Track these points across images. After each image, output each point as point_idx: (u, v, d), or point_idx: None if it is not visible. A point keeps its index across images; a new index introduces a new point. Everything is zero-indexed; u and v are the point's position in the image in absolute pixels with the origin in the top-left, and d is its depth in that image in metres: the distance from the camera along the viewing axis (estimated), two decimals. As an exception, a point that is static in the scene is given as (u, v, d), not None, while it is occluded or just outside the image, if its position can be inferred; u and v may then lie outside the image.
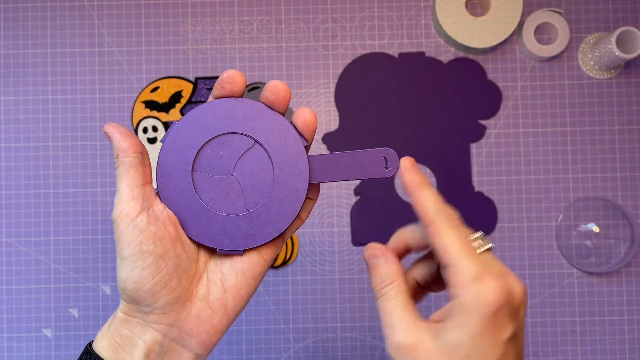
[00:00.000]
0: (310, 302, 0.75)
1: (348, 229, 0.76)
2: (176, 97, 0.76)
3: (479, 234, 0.35)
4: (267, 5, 0.77)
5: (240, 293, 0.37)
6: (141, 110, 0.76)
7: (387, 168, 0.37)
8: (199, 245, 0.37)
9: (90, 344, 0.36)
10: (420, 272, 0.39)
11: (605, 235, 0.75)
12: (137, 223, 0.34)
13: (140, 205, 0.34)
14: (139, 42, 0.77)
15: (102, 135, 0.76)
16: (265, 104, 0.37)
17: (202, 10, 0.77)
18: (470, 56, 0.77)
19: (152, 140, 0.76)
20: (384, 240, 0.43)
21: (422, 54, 0.77)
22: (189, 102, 0.76)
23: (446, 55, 0.77)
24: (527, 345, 0.75)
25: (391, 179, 0.76)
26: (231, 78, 0.36)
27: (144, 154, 0.36)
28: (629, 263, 0.75)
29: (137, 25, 0.77)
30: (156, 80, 0.76)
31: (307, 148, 0.37)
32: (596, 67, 0.76)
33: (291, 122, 0.37)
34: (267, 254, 0.38)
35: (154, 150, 0.76)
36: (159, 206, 0.35)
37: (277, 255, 0.39)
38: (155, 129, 0.76)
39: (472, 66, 0.77)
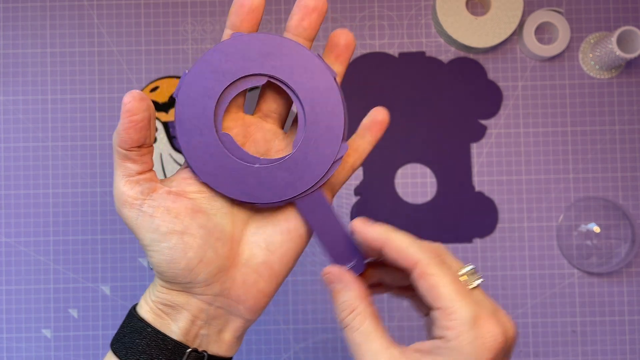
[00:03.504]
0: (310, 302, 0.75)
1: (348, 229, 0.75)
2: (176, 97, 0.76)
3: (468, 267, 0.32)
4: (267, 5, 0.77)
5: (287, 255, 0.34)
6: (141, 110, 0.76)
7: (348, 266, 0.35)
8: (240, 203, 0.34)
9: (134, 307, 0.35)
10: (386, 276, 0.36)
11: (605, 236, 0.75)
12: (145, 209, 0.32)
13: (140, 192, 0.32)
14: (138, 42, 0.77)
15: (102, 135, 0.76)
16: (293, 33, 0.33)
17: (202, 10, 0.77)
18: (471, 56, 0.77)
19: (152, 140, 0.76)
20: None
21: (422, 53, 0.77)
22: (189, 102, 0.76)
23: (446, 55, 0.77)
24: (527, 346, 0.75)
25: (391, 180, 0.75)
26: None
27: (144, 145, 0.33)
28: (629, 263, 0.75)
29: (137, 25, 0.77)
30: (156, 80, 0.76)
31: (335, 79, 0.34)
32: (597, 66, 0.76)
33: (317, 54, 0.33)
34: None
35: (153, 150, 0.76)
36: (163, 188, 0.33)
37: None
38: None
39: (472, 66, 0.77)
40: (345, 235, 0.35)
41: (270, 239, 0.34)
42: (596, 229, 0.75)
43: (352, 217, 0.75)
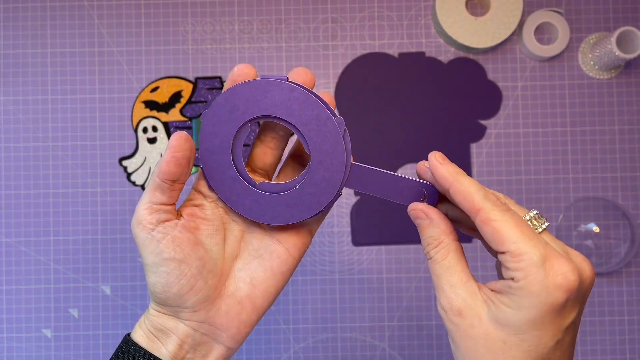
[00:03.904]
0: (310, 302, 0.75)
1: (348, 229, 0.76)
2: (176, 97, 0.76)
3: (533, 212, 0.33)
4: (267, 5, 0.77)
5: (269, 290, 0.38)
6: (141, 110, 0.76)
7: (423, 201, 0.36)
8: (254, 224, 0.38)
9: (128, 334, 0.38)
10: (449, 211, 0.37)
11: (605, 236, 0.75)
12: (155, 234, 0.35)
13: (156, 219, 0.35)
14: (139, 42, 0.77)
15: (102, 135, 0.76)
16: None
17: (202, 10, 0.77)
18: (470, 56, 0.77)
19: (152, 140, 0.76)
20: (385, 239, 0.43)
21: (422, 54, 0.77)
22: (189, 102, 0.76)
23: (446, 55, 0.77)
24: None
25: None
26: (241, 70, 0.36)
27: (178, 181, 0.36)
28: (629, 263, 0.75)
29: (137, 25, 0.77)
30: (156, 80, 0.76)
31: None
32: (596, 67, 0.76)
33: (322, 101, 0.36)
34: (294, 250, 0.38)
35: (153, 150, 0.76)
36: (175, 220, 0.36)
37: (304, 252, 0.40)
38: (155, 129, 0.76)
39: (472, 66, 0.77)
40: (401, 179, 0.37)
41: (254, 275, 0.38)
42: (595, 228, 0.75)
43: (352, 217, 0.75)
